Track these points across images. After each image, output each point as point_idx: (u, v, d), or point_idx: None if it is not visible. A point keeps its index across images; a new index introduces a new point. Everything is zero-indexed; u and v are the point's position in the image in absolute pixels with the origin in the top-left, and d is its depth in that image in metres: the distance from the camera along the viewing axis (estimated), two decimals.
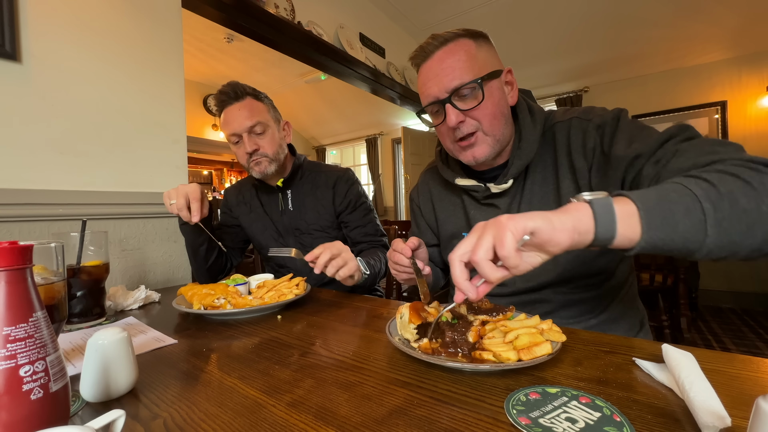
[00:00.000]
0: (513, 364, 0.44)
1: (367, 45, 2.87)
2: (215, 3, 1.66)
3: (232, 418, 0.38)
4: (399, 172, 5.88)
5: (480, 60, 0.70)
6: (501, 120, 0.72)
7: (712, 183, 0.43)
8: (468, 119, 0.71)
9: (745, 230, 0.42)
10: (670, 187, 0.44)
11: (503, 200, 0.79)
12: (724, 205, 0.42)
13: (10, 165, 0.94)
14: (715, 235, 0.41)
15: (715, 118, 3.62)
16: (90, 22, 1.09)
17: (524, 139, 0.74)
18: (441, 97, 0.71)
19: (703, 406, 0.33)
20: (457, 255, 0.46)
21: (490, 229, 0.43)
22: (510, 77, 0.76)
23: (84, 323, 0.74)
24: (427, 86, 0.73)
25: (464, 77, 0.68)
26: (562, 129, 0.74)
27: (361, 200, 1.23)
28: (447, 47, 0.71)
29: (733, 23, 3.07)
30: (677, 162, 0.52)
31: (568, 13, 3.13)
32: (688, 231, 0.42)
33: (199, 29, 3.49)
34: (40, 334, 0.35)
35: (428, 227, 0.99)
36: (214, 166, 7.52)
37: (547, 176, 0.75)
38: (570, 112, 0.76)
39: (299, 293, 0.84)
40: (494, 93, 0.71)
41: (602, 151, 0.67)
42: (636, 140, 0.60)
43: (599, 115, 0.70)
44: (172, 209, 0.96)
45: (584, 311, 0.76)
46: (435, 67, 0.71)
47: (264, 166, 1.11)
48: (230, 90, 1.08)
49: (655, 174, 0.55)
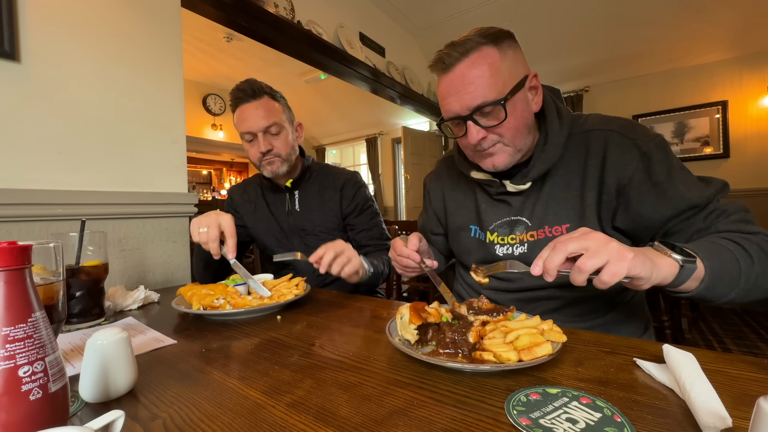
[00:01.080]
0: (513, 364, 0.44)
1: (367, 44, 2.86)
2: (215, 2, 1.66)
3: (232, 419, 0.38)
4: (399, 172, 5.88)
5: (504, 73, 0.67)
6: (523, 132, 0.71)
7: (753, 260, 0.55)
8: (490, 135, 0.70)
9: (755, 293, 0.55)
10: (727, 257, 0.54)
11: (517, 198, 0.78)
12: (751, 281, 0.54)
13: (9, 165, 0.94)
14: (736, 297, 0.54)
15: (716, 118, 3.62)
16: (89, 22, 1.08)
17: (550, 142, 0.73)
18: (462, 114, 0.69)
19: (704, 406, 0.33)
20: (569, 249, 0.48)
21: (607, 252, 0.46)
22: (535, 81, 0.73)
23: (83, 323, 0.74)
24: (447, 101, 0.70)
25: (487, 95, 0.66)
26: (599, 139, 0.72)
27: (368, 204, 1.24)
28: (469, 59, 0.67)
29: (734, 23, 3.06)
30: (725, 224, 0.61)
31: (568, 13, 3.13)
32: (723, 293, 0.54)
33: (199, 29, 3.49)
34: (39, 334, 0.34)
35: (434, 216, 0.99)
36: (213, 165, 7.52)
37: (571, 182, 0.74)
38: (608, 122, 0.74)
39: (299, 293, 0.84)
40: (517, 108, 0.68)
41: (649, 179, 0.66)
42: (692, 186, 0.65)
43: (642, 138, 0.68)
44: (201, 238, 0.86)
45: (591, 310, 0.76)
46: (456, 82, 0.68)
47: (276, 165, 1.12)
48: (248, 87, 1.08)
49: (704, 227, 0.63)
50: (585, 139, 0.74)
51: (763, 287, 0.55)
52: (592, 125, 0.74)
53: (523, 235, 0.77)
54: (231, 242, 0.86)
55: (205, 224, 0.86)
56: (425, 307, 0.57)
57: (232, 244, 0.86)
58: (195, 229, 0.88)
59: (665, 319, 1.28)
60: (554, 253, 0.48)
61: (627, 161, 0.68)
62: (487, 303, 0.59)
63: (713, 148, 3.66)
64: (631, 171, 0.67)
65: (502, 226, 0.80)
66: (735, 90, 3.52)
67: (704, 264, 0.52)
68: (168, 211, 1.25)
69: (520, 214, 0.78)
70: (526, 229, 0.77)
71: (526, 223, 0.77)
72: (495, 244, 0.81)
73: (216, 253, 0.86)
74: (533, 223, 0.76)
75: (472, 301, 0.60)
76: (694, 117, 3.73)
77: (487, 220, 0.82)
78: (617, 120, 0.73)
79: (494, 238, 0.81)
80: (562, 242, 0.48)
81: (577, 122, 0.76)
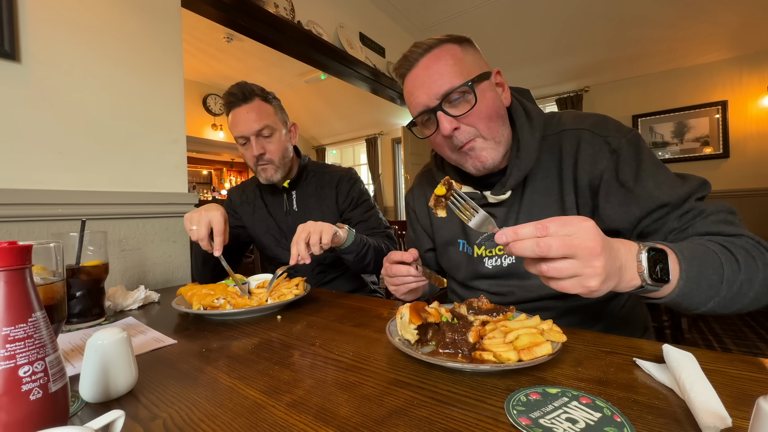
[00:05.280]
0: (513, 364, 0.44)
1: (367, 44, 2.86)
2: (215, 2, 1.66)
3: (232, 419, 0.38)
4: (399, 172, 5.88)
5: (468, 63, 0.67)
6: (498, 121, 0.69)
7: (740, 266, 0.50)
8: (463, 126, 0.67)
9: (738, 303, 0.51)
10: (709, 260, 0.50)
11: (500, 209, 0.76)
12: (735, 288, 0.50)
13: (10, 165, 0.94)
14: (714, 306, 0.50)
15: (715, 118, 3.62)
16: (89, 22, 1.08)
17: (523, 147, 0.70)
18: (431, 105, 0.67)
19: (704, 406, 0.33)
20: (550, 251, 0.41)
21: (577, 272, 0.41)
22: (500, 78, 0.72)
23: (83, 323, 0.74)
24: (414, 95, 0.69)
25: (453, 81, 0.65)
26: (571, 139, 0.70)
27: (363, 197, 1.25)
28: (432, 53, 0.67)
29: (734, 23, 3.07)
30: (703, 225, 0.57)
31: (568, 13, 3.13)
32: (700, 302, 0.50)
33: (199, 29, 3.49)
34: (39, 334, 0.34)
35: (424, 232, 0.96)
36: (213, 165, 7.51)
37: (550, 186, 0.72)
38: (580, 120, 0.71)
39: (299, 293, 0.84)
40: (487, 95, 0.67)
41: (616, 178, 0.64)
42: (662, 183, 0.61)
43: (614, 135, 0.66)
44: (192, 235, 0.90)
45: (587, 318, 0.75)
46: (421, 74, 0.68)
47: (270, 173, 1.13)
48: (238, 91, 1.08)
49: (679, 228, 0.59)
50: (558, 140, 0.71)
51: (748, 296, 0.50)
52: (564, 125, 0.72)
53: None
54: (218, 240, 0.88)
55: (196, 221, 0.88)
56: (425, 307, 0.57)
57: (219, 242, 0.88)
58: (187, 224, 0.91)
59: (665, 318, 1.28)
60: (532, 247, 0.42)
61: (597, 160, 0.66)
62: (486, 303, 0.59)
63: (713, 148, 3.67)
64: (601, 170, 0.66)
65: (488, 239, 0.78)
66: (735, 90, 3.52)
67: (680, 267, 0.48)
68: (168, 211, 1.25)
69: (504, 224, 0.75)
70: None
71: None
72: (483, 257, 0.79)
73: (207, 248, 0.89)
74: None
75: (471, 301, 0.60)
76: (693, 117, 3.74)
77: (473, 234, 0.80)
78: (589, 117, 0.71)
79: (482, 251, 0.79)
80: (547, 243, 0.41)
81: (550, 123, 0.74)
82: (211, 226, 0.88)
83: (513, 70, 3.93)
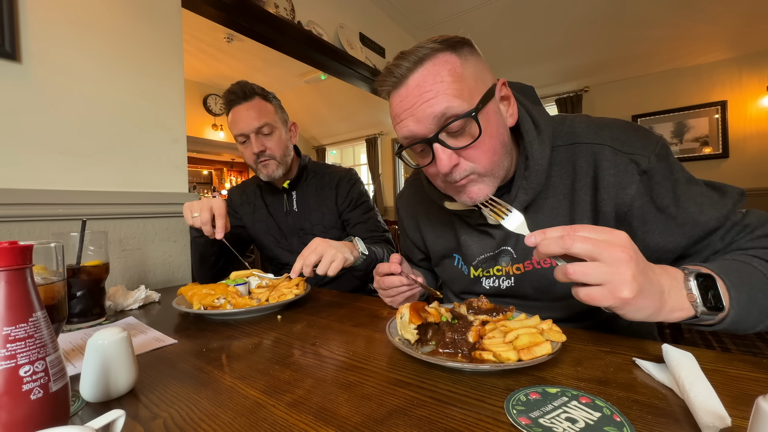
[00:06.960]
0: (513, 364, 0.44)
1: (367, 45, 2.86)
2: (215, 3, 1.66)
3: (232, 418, 0.38)
4: (399, 172, 5.88)
5: (469, 79, 0.56)
6: (500, 153, 0.60)
7: None
8: (462, 161, 0.58)
9: None
10: (759, 284, 0.47)
11: (499, 231, 0.70)
12: None
13: (10, 165, 0.94)
14: (763, 328, 0.48)
15: (715, 118, 3.62)
16: (90, 22, 1.08)
17: (531, 167, 0.62)
18: (426, 135, 0.57)
19: (703, 406, 0.33)
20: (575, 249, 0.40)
21: (611, 275, 0.39)
22: (505, 90, 0.61)
23: (84, 323, 0.74)
24: (403, 122, 0.58)
25: (453, 105, 0.54)
26: (587, 155, 0.61)
27: (362, 198, 1.25)
28: (424, 67, 0.55)
29: (734, 23, 3.07)
30: (748, 241, 0.54)
31: (568, 13, 3.13)
32: (749, 326, 0.47)
33: (199, 29, 3.49)
34: (39, 334, 0.34)
35: (414, 245, 0.91)
36: (214, 166, 7.52)
37: (558, 207, 0.64)
38: (597, 130, 0.62)
39: (299, 293, 0.84)
40: (491, 122, 0.57)
41: (653, 204, 0.57)
42: (703, 204, 0.56)
43: (641, 153, 0.57)
44: (194, 222, 0.89)
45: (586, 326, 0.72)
46: (412, 96, 0.56)
47: (272, 168, 1.12)
48: (239, 89, 1.08)
49: (723, 247, 0.56)
50: (571, 154, 0.63)
51: None
52: (578, 137, 0.63)
53: (509, 267, 0.70)
54: (220, 222, 0.90)
55: (198, 209, 0.90)
56: (425, 306, 0.57)
57: (221, 224, 0.90)
58: (188, 213, 0.91)
59: None
60: (557, 243, 0.41)
61: (625, 183, 0.58)
62: (486, 303, 0.59)
63: (712, 148, 3.67)
64: (631, 196, 0.58)
65: (485, 261, 0.73)
66: (734, 90, 3.52)
67: (730, 295, 0.44)
68: (169, 211, 1.25)
69: (504, 244, 0.70)
70: (511, 260, 0.70)
71: (511, 254, 0.70)
72: (481, 277, 0.75)
73: (210, 233, 0.90)
74: (518, 254, 0.69)
75: (471, 300, 0.60)
76: (693, 117, 3.74)
77: (470, 255, 0.74)
78: (607, 127, 0.62)
79: (479, 273, 0.75)
80: (572, 238, 0.40)
81: (560, 131, 0.65)
82: (213, 212, 0.90)
83: (513, 70, 3.93)
